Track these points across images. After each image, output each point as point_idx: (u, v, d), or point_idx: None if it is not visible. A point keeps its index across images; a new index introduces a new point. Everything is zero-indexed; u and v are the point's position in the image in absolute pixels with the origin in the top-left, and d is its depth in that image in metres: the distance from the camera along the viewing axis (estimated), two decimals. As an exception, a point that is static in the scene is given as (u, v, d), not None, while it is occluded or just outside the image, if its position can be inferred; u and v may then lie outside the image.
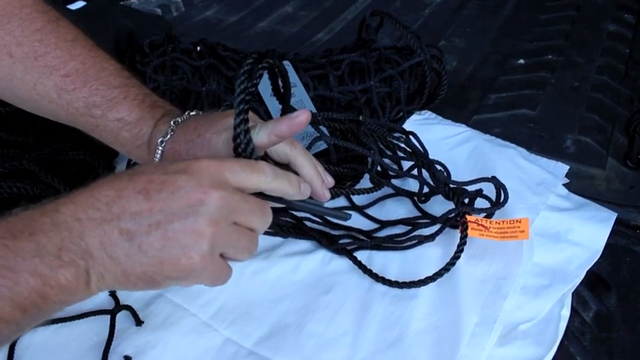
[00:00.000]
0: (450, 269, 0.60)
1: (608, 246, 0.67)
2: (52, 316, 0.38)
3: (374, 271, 0.62)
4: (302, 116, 0.47)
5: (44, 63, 0.54)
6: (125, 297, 0.59)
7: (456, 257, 0.61)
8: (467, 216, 0.62)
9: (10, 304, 0.34)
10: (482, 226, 0.62)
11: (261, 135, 0.47)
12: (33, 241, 0.35)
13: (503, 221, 0.61)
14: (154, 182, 0.39)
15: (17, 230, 0.36)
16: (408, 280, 0.60)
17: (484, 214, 0.64)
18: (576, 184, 0.77)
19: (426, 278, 0.60)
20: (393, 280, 0.61)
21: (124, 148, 0.55)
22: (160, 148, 0.52)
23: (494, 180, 0.65)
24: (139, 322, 0.57)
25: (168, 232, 0.38)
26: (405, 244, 0.65)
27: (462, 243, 0.62)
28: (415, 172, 0.70)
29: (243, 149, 0.45)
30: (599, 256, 0.65)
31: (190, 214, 0.38)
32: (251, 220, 0.42)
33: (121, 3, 1.32)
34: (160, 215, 0.38)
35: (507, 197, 0.65)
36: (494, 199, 0.65)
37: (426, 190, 0.69)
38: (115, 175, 0.40)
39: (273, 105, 0.77)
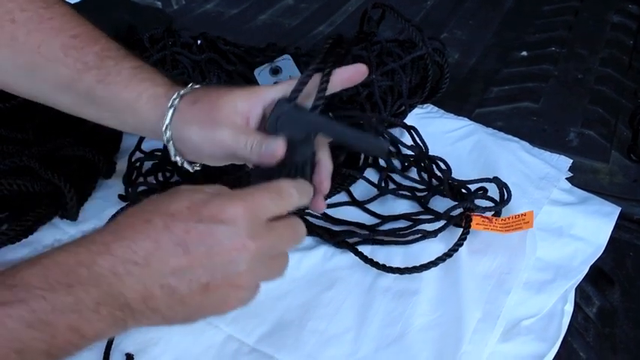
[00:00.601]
0: (452, 255, 0.60)
1: (612, 240, 0.66)
2: None
3: (374, 262, 0.62)
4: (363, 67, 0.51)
5: (50, 25, 0.52)
6: (126, 294, 0.59)
7: (458, 244, 0.61)
8: (472, 215, 0.62)
9: (46, 356, 0.34)
10: (486, 218, 0.62)
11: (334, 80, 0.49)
12: (71, 294, 0.35)
13: (508, 217, 0.61)
14: (191, 233, 0.38)
15: (54, 281, 0.35)
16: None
17: (490, 213, 0.63)
18: (579, 178, 0.77)
19: (428, 263, 0.60)
20: (394, 267, 0.61)
21: (135, 92, 0.51)
22: (179, 96, 0.50)
23: (496, 180, 0.65)
24: (140, 320, 0.57)
25: (210, 286, 0.38)
26: (407, 239, 0.65)
27: (465, 232, 0.62)
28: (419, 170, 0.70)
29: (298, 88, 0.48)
30: (602, 251, 0.65)
31: (231, 269, 0.38)
32: (286, 247, 0.43)
33: (121, -4, 1.31)
34: (201, 270, 0.37)
35: (510, 196, 0.64)
36: (497, 198, 0.65)
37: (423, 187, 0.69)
38: (145, 216, 0.38)
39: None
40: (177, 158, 0.52)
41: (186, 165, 0.53)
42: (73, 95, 0.53)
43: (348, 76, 0.50)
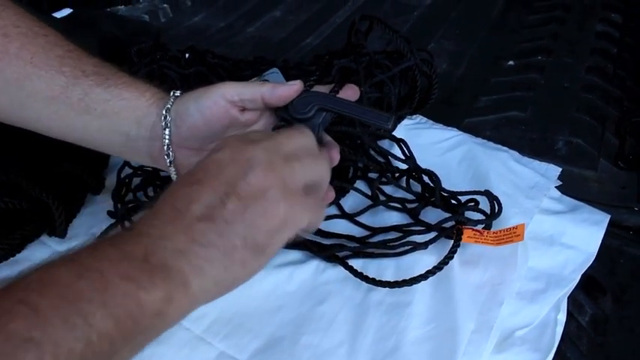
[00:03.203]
0: (442, 268, 0.60)
1: (602, 248, 0.66)
2: (150, 339, 0.35)
3: (364, 275, 0.61)
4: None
5: (45, 40, 0.53)
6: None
7: (449, 257, 0.60)
8: (463, 228, 0.62)
9: (102, 312, 0.31)
10: (478, 231, 0.62)
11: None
12: (117, 248, 0.34)
13: (499, 230, 0.61)
14: (197, 171, 0.40)
15: (97, 243, 0.35)
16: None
17: (481, 226, 0.63)
18: (569, 186, 0.77)
19: (418, 276, 0.59)
20: (384, 281, 0.60)
21: (137, 91, 0.53)
22: (180, 93, 0.53)
23: (487, 193, 0.65)
24: (131, 338, 0.56)
25: (240, 193, 0.38)
26: (397, 250, 0.64)
27: (456, 245, 0.61)
28: (408, 181, 0.70)
29: None
30: (593, 259, 0.65)
31: (246, 170, 0.39)
32: (299, 144, 0.44)
33: (108, 10, 1.31)
34: (222, 187, 0.38)
35: (501, 210, 0.65)
36: (488, 210, 0.65)
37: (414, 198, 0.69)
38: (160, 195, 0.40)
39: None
40: (170, 152, 0.52)
41: (172, 175, 0.54)
42: (63, 105, 0.53)
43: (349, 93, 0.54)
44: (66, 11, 1.13)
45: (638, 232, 0.72)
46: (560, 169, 0.79)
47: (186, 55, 0.88)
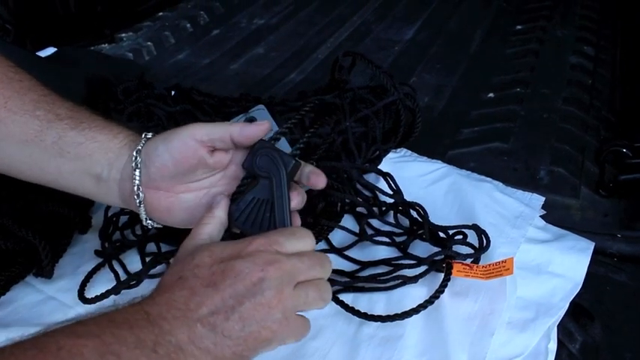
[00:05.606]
0: (433, 302, 0.60)
1: (588, 275, 0.67)
2: None
3: (356, 310, 0.61)
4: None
5: (20, 85, 0.54)
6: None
7: (440, 291, 0.61)
8: (453, 262, 0.63)
9: None
10: (467, 265, 0.62)
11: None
12: (133, 334, 0.40)
13: (489, 264, 0.61)
14: (216, 273, 0.44)
15: (119, 322, 0.40)
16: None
17: (470, 260, 0.64)
18: (553, 215, 0.78)
19: (409, 310, 0.59)
20: (376, 315, 0.60)
21: (111, 134, 0.54)
22: (152, 135, 0.54)
23: (475, 227, 0.66)
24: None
25: (243, 313, 0.43)
26: (387, 285, 0.64)
27: (447, 279, 0.62)
28: (396, 215, 0.71)
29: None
30: (580, 287, 0.66)
31: (257, 292, 0.43)
32: (312, 274, 0.47)
33: (92, 48, 1.32)
34: (232, 300, 0.43)
35: (489, 244, 0.66)
36: (475, 243, 0.66)
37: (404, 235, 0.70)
38: (176, 275, 0.45)
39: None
40: (140, 193, 0.53)
41: (142, 215, 0.55)
42: (37, 149, 0.54)
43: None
44: (50, 50, 1.14)
45: (623, 259, 0.73)
46: (544, 199, 0.80)
47: (172, 93, 0.89)
